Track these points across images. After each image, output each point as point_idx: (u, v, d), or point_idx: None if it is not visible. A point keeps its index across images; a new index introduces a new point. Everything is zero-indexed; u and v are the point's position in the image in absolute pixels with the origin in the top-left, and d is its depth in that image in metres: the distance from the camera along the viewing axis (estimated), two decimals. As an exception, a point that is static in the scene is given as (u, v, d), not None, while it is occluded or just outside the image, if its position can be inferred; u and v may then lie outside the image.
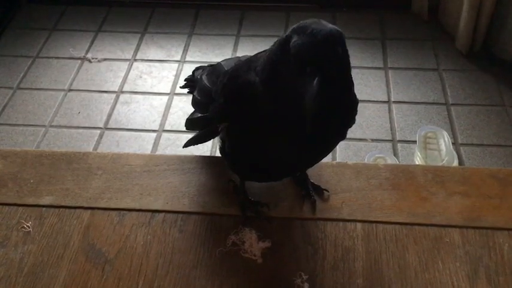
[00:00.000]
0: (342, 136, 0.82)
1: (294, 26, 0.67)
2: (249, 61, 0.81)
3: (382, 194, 0.92)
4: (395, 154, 1.70)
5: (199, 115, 0.96)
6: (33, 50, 2.10)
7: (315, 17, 0.68)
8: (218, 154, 0.90)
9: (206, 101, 0.93)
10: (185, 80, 1.10)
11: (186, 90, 1.03)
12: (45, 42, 2.14)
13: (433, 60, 2.02)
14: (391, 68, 2.00)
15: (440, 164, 1.64)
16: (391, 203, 0.90)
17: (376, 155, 1.66)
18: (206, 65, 1.00)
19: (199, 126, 0.96)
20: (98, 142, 1.75)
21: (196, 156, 1.01)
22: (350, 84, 0.73)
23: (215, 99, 0.87)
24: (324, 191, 0.89)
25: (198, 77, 0.98)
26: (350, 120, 0.81)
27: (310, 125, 0.63)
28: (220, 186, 0.91)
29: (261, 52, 0.80)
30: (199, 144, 0.92)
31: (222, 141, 0.88)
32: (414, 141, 1.71)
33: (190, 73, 1.03)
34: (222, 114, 0.85)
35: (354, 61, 0.64)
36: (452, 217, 0.86)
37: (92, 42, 2.14)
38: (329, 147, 0.83)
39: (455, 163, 1.63)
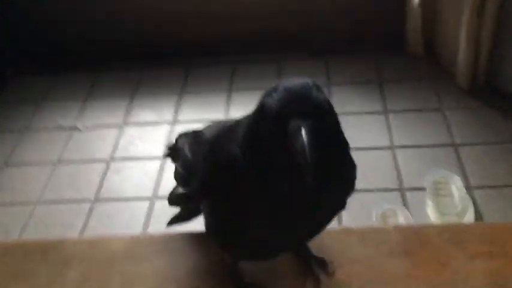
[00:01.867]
0: (342, 205, 0.74)
1: (265, 91, 0.63)
2: (230, 130, 0.75)
3: (394, 262, 0.82)
4: (405, 204, 1.59)
5: (181, 190, 0.88)
6: (20, 124, 2.04)
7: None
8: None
9: (188, 174, 0.86)
10: (168, 149, 1.03)
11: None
12: (33, 114, 2.09)
13: (434, 100, 1.94)
14: (391, 111, 1.92)
15: (454, 211, 1.52)
16: (405, 272, 0.81)
17: (385, 207, 1.55)
18: (191, 130, 0.93)
19: (181, 203, 0.88)
20: (88, 216, 1.66)
21: (185, 233, 0.93)
22: (343, 140, 0.66)
23: (196, 173, 0.79)
24: (329, 264, 0.81)
25: (181, 146, 0.91)
26: (349, 187, 0.73)
27: (310, 176, 0.57)
28: (213, 267, 0.83)
29: (243, 117, 0.73)
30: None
31: (206, 219, 0.79)
32: (424, 188, 1.60)
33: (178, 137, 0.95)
34: (202, 190, 0.78)
35: (351, 106, 0.58)
36: (477, 284, 0.76)
37: (81, 111, 2.08)
38: (328, 219, 0.75)
39: (471, 209, 1.52)
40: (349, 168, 0.70)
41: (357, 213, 1.58)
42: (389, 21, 2.13)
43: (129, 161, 1.83)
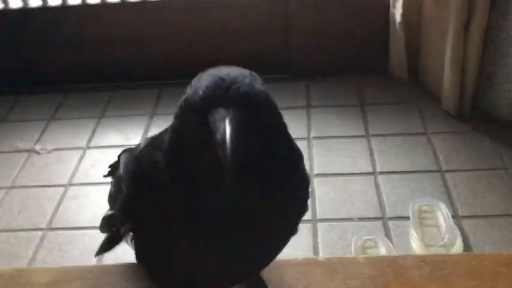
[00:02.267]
0: (292, 228, 0.61)
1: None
2: (159, 137, 0.62)
3: (365, 300, 0.68)
4: (387, 234, 1.45)
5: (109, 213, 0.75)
6: (-24, 146, 1.89)
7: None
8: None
9: (116, 192, 0.73)
10: (110, 167, 0.90)
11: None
12: (-10, 136, 1.94)
13: (419, 124, 1.82)
14: (373, 135, 1.80)
15: (441, 243, 1.38)
16: (378, 311, 0.66)
17: (365, 237, 1.41)
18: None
19: (106, 228, 0.74)
20: (39, 246, 1.50)
21: (120, 264, 0.80)
22: (284, 142, 0.55)
23: (121, 191, 0.66)
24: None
25: (121, 163, 0.78)
26: (300, 206, 0.60)
27: (230, 175, 0.47)
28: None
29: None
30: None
31: (134, 247, 0.65)
32: (407, 217, 1.47)
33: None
34: (122, 210, 0.64)
35: (332, 130, 0.49)
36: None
37: (42, 132, 1.94)
38: (275, 244, 0.61)
39: (459, 240, 1.38)
40: (297, 181, 0.57)
41: (334, 244, 1.44)
42: (372, 42, 2.03)
43: (88, 186, 1.68)
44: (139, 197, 0.60)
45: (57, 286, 0.78)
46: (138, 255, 0.65)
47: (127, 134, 1.90)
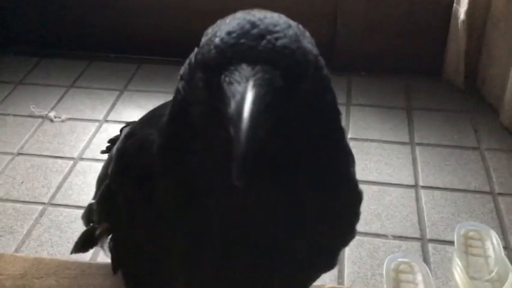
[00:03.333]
0: (328, 257, 0.45)
1: None
2: (161, 108, 0.46)
3: None
4: (425, 259, 1.26)
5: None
6: (-12, 106, 1.77)
7: None
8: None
9: (103, 175, 0.58)
10: (109, 142, 0.76)
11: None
12: (6, 97, 1.82)
13: (472, 137, 1.62)
14: (419, 144, 1.60)
15: (488, 277, 1.19)
16: None
17: (400, 259, 1.22)
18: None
19: (84, 220, 0.60)
20: (36, 221, 1.36)
21: (105, 264, 0.67)
22: (333, 126, 0.40)
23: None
24: None
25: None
26: (348, 219, 0.44)
27: (240, 167, 0.30)
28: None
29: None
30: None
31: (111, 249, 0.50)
32: (451, 242, 1.28)
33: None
34: (100, 204, 0.49)
35: (372, 133, 0.36)
36: None
37: (59, 99, 1.81)
38: (309, 268, 0.44)
39: (511, 276, 1.18)
40: (343, 193, 0.40)
41: (363, 262, 1.26)
42: (428, 40, 1.83)
43: (99, 162, 1.53)
44: (121, 189, 0.43)
45: (26, 280, 0.65)
46: (114, 263, 0.49)
47: (148, 111, 1.74)
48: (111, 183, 0.47)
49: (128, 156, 0.46)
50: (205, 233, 0.38)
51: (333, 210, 0.41)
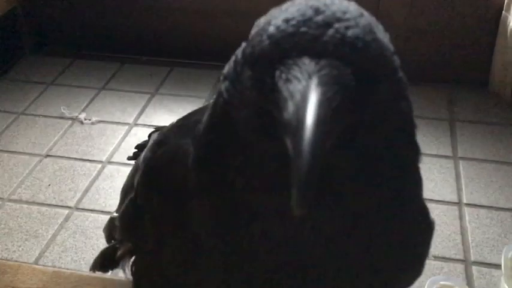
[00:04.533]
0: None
1: None
2: (196, 114, 0.41)
3: None
4: (468, 283, 1.17)
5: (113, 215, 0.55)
6: (20, 106, 1.76)
7: None
8: None
9: (129, 185, 0.52)
10: (136, 148, 0.72)
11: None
12: (37, 97, 1.80)
13: (520, 153, 1.52)
14: (462, 158, 1.51)
15: (540, 305, 1.09)
16: None
17: (442, 282, 1.13)
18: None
19: (105, 236, 0.54)
20: (62, 226, 1.33)
21: (118, 279, 0.61)
22: (408, 142, 0.35)
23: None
24: None
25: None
26: (412, 259, 0.37)
27: (302, 196, 0.24)
28: None
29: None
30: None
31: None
32: (498, 265, 1.18)
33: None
34: (122, 220, 0.43)
35: None
36: None
37: (90, 101, 1.78)
38: None
39: None
40: (417, 216, 0.34)
41: (401, 284, 1.18)
42: (474, 49, 1.73)
43: (127, 166, 1.49)
44: (148, 206, 0.38)
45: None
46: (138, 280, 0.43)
47: (179, 115, 1.69)
48: (136, 198, 0.42)
49: (157, 169, 0.40)
50: (246, 263, 0.32)
51: (402, 243, 0.35)
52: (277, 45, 0.26)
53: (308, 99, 0.23)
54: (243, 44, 0.32)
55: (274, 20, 0.28)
